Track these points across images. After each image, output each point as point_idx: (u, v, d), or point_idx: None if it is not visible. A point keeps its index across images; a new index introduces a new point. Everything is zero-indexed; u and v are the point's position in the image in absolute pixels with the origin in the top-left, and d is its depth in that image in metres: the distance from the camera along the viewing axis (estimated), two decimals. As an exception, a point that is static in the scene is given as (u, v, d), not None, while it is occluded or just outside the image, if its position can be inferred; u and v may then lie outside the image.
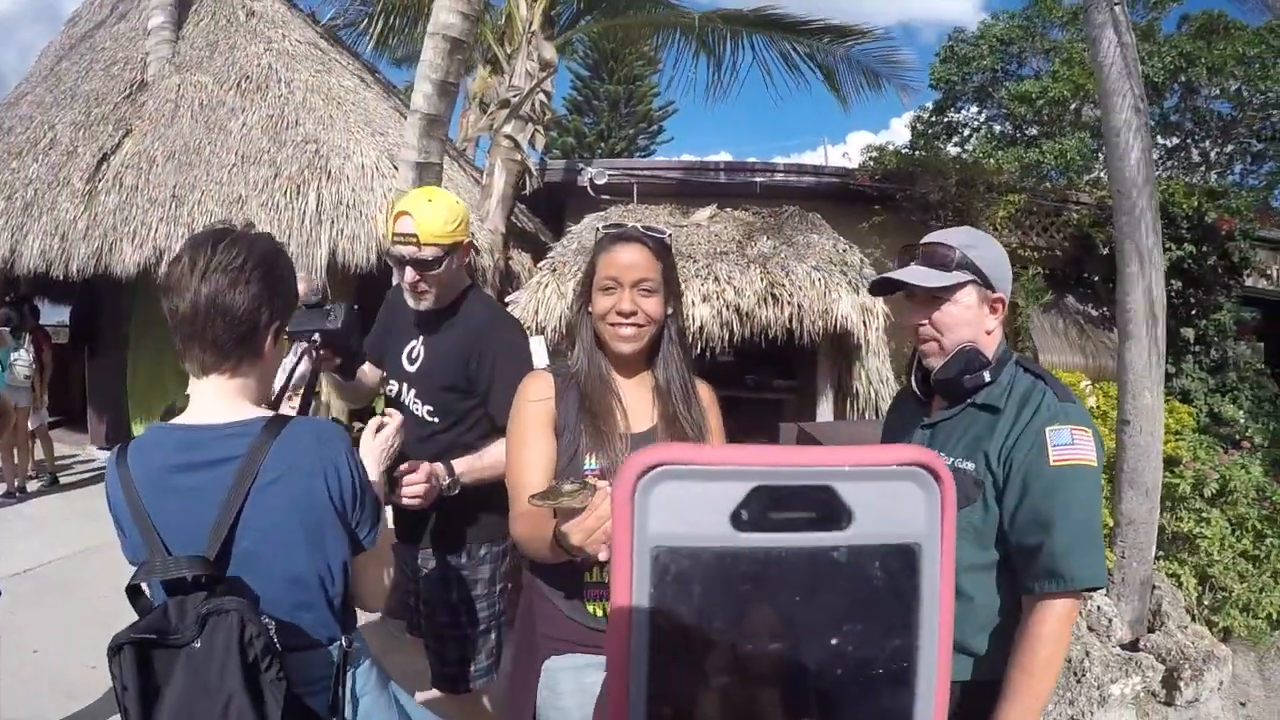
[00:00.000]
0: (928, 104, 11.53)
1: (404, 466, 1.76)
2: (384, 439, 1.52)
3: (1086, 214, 7.52)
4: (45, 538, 5.07)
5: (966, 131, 11.27)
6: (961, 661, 1.39)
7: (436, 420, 2.00)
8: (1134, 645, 3.46)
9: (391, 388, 2.10)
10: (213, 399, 1.23)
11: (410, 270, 1.93)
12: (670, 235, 1.54)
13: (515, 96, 6.11)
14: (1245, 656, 3.94)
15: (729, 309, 5.46)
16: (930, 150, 9.66)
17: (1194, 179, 9.19)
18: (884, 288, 1.53)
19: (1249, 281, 7.53)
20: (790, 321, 5.45)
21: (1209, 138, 9.91)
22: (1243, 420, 6.42)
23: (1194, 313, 6.99)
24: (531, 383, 1.51)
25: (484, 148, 7.71)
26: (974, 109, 11.24)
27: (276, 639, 1.11)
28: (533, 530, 1.31)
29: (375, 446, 1.50)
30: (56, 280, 6.47)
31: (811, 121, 70.33)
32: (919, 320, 1.48)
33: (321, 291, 1.79)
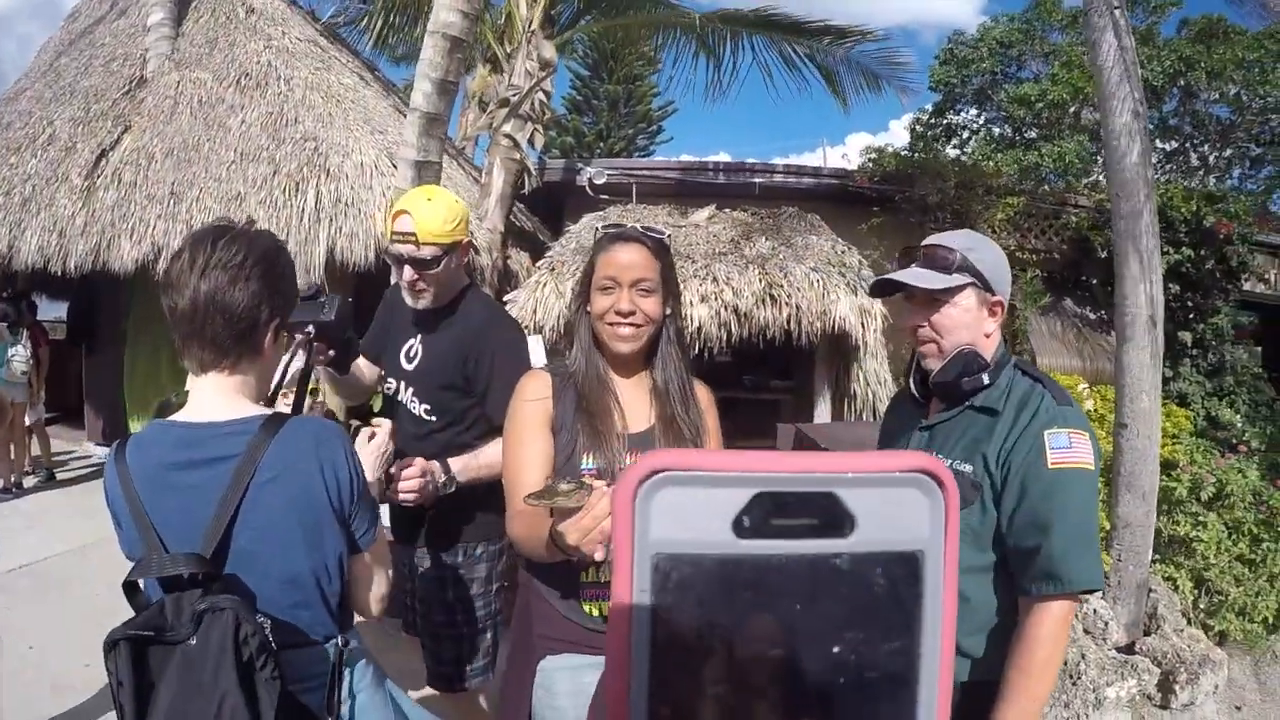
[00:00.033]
0: (927, 106, 11.57)
1: (399, 463, 1.76)
2: (377, 445, 1.52)
3: (1085, 217, 7.52)
4: (41, 534, 5.06)
5: (966, 134, 11.29)
6: (959, 662, 1.39)
7: (434, 419, 2.00)
8: (1130, 648, 3.46)
9: (389, 386, 2.10)
10: (212, 396, 1.22)
11: (408, 269, 1.92)
12: (669, 235, 1.55)
13: (515, 95, 6.11)
14: (1241, 660, 3.95)
15: (727, 309, 5.46)
16: (929, 152, 9.67)
17: (1192, 183, 9.23)
18: (884, 289, 1.53)
19: (1247, 286, 7.54)
20: (788, 322, 5.45)
21: (1208, 142, 9.93)
22: (1240, 424, 6.42)
23: (1192, 317, 7.00)
24: (529, 382, 1.51)
25: (483, 146, 7.72)
26: (973, 111, 11.27)
27: (273, 637, 1.10)
28: (529, 529, 1.31)
29: (369, 452, 1.50)
30: (54, 276, 6.46)
31: (810, 123, 70.60)
32: (918, 322, 1.49)
33: (316, 285, 1.78)
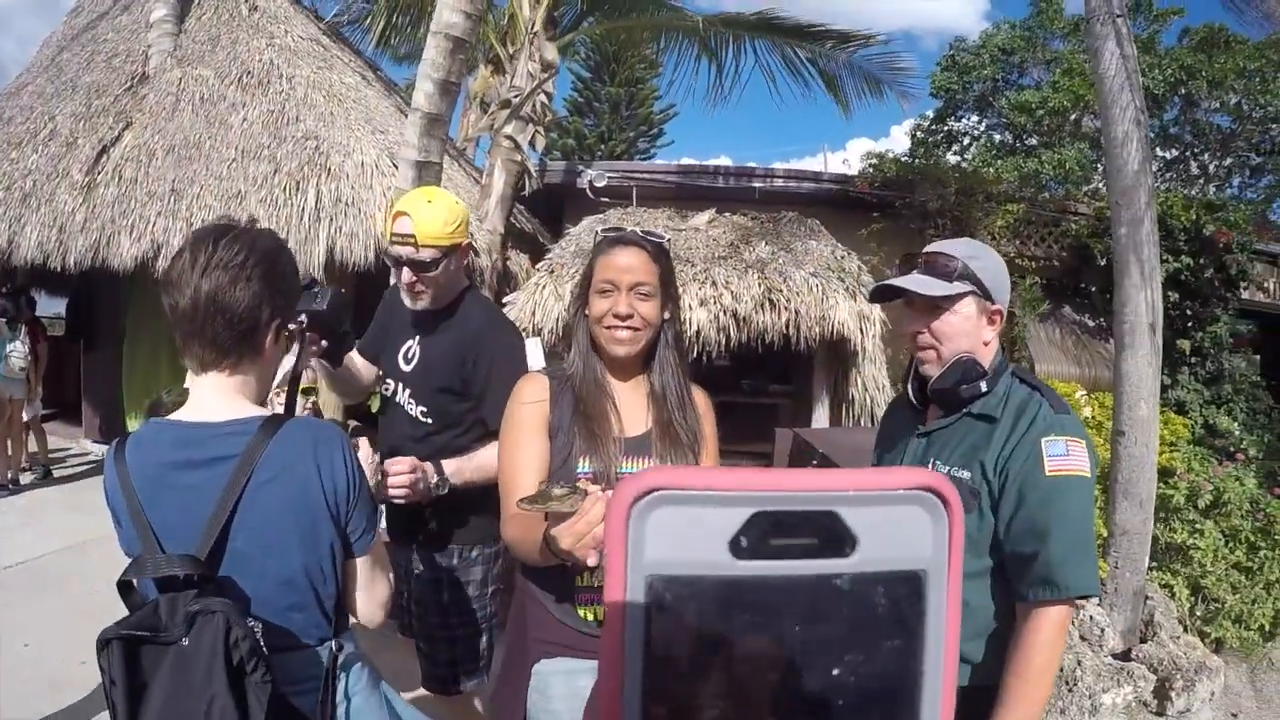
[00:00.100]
0: (928, 112, 11.59)
1: (390, 460, 1.76)
2: (362, 458, 1.52)
3: (1085, 225, 7.53)
4: (38, 531, 5.04)
5: (966, 140, 11.32)
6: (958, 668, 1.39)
7: (430, 421, 2.00)
8: (1126, 655, 3.47)
9: (387, 387, 2.10)
10: (212, 396, 1.22)
11: (407, 271, 1.92)
12: (668, 240, 1.55)
13: (516, 97, 6.11)
14: (1237, 668, 3.96)
15: (726, 313, 5.45)
16: (930, 158, 9.69)
17: (1193, 192, 9.24)
18: (884, 295, 1.54)
19: (1246, 294, 7.56)
20: (787, 327, 5.44)
21: (1208, 151, 9.94)
22: (1237, 432, 6.43)
23: (1190, 325, 7.00)
24: (526, 385, 1.51)
25: (484, 148, 7.71)
26: (974, 118, 11.30)
27: (266, 640, 1.10)
28: (524, 533, 1.31)
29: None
30: (54, 272, 6.45)
31: (811, 127, 70.65)
32: (918, 328, 1.49)
33: (310, 275, 1.78)
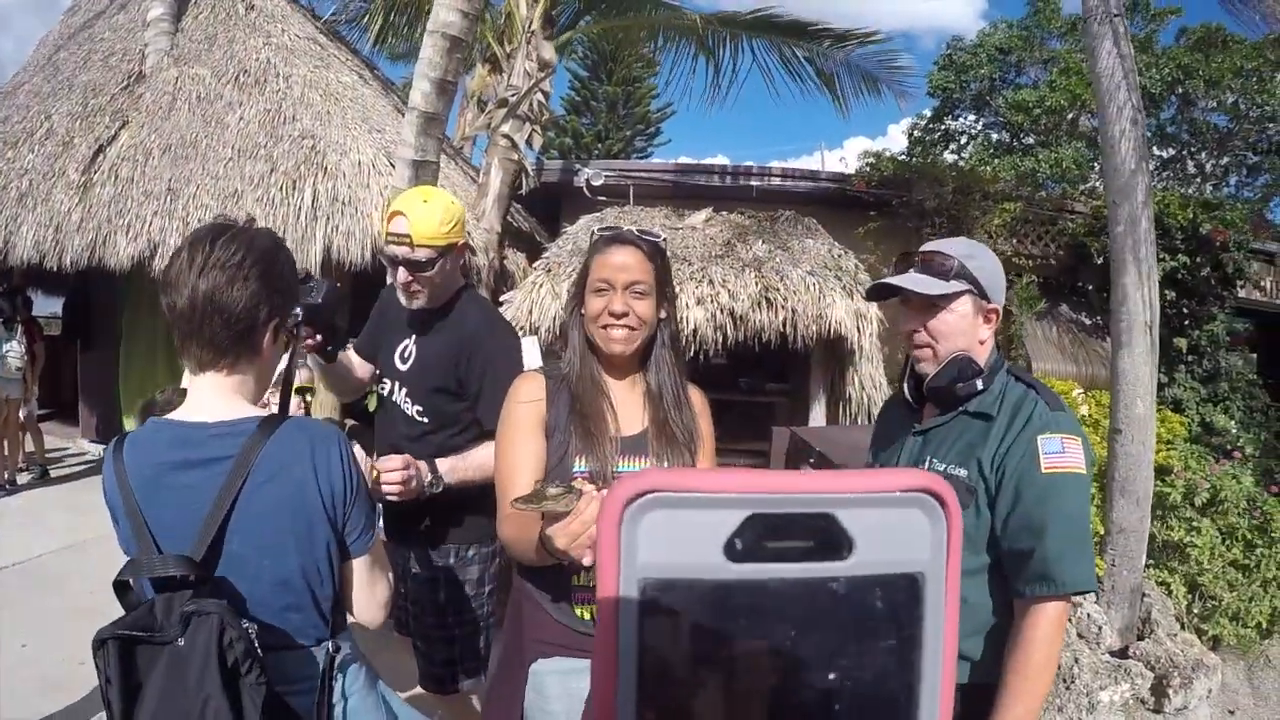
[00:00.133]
0: (926, 111, 11.57)
1: (383, 459, 1.76)
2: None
3: (1082, 223, 7.53)
4: (35, 531, 5.03)
5: (964, 139, 11.30)
6: (957, 665, 1.40)
7: (426, 421, 1.99)
8: (1123, 653, 3.47)
9: (384, 386, 2.10)
10: (209, 396, 1.22)
11: (403, 270, 1.92)
12: (665, 239, 1.55)
13: (513, 96, 6.10)
14: (1234, 665, 3.97)
15: (723, 312, 5.45)
16: (927, 157, 9.68)
17: (1189, 190, 9.23)
18: (882, 293, 1.54)
19: (1242, 293, 7.56)
20: (784, 325, 5.45)
21: (1205, 150, 9.93)
22: (1234, 430, 6.44)
23: (1187, 323, 7.00)
24: (523, 384, 1.50)
25: (481, 146, 7.71)
26: (971, 117, 11.27)
27: (263, 640, 1.10)
28: (519, 532, 1.30)
29: None
30: (50, 272, 6.43)
31: (809, 126, 70.80)
32: (914, 327, 1.50)
33: (305, 270, 1.77)
